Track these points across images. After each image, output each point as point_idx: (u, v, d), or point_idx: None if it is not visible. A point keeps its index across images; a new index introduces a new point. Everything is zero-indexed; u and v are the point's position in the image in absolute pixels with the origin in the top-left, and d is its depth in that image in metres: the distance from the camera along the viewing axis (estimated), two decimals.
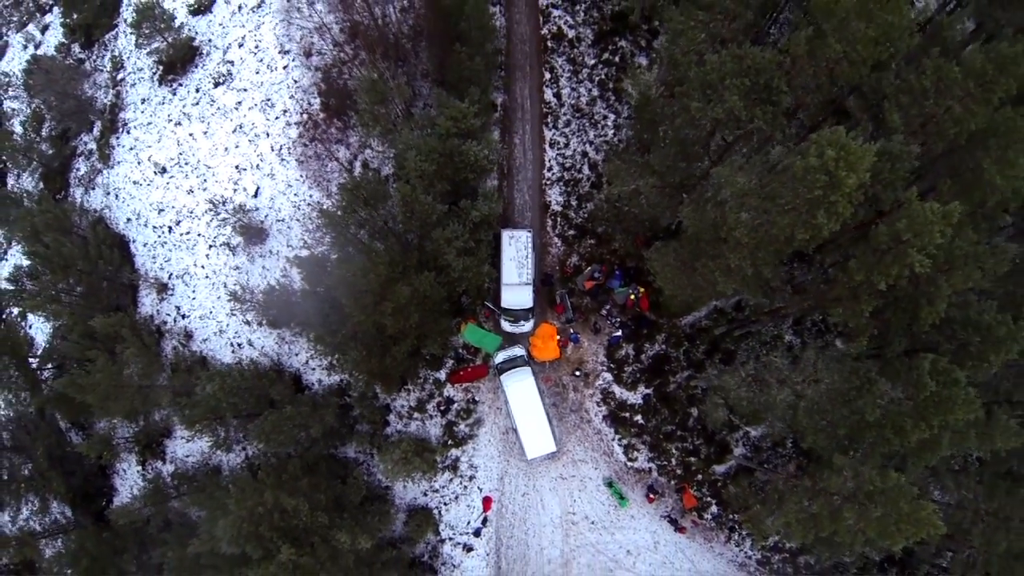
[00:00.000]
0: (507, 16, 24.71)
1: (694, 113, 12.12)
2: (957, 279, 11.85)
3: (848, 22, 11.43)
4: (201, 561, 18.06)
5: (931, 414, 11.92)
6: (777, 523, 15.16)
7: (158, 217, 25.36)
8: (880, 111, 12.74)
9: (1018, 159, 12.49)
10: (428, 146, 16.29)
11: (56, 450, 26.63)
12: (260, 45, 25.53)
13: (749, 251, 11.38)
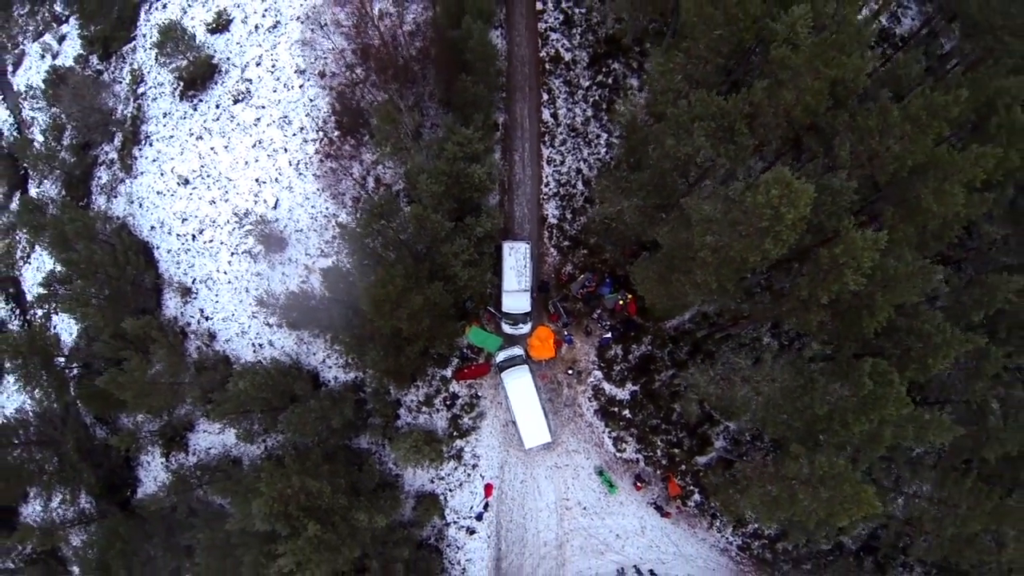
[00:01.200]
0: (508, 39, 26.91)
1: (667, 149, 14.38)
2: (894, 295, 14.14)
3: (800, 74, 13.68)
4: (231, 540, 20.34)
5: (869, 410, 14.24)
6: (745, 504, 17.50)
7: (182, 226, 27.54)
8: (832, 148, 15.01)
9: (953, 189, 14.79)
10: (437, 169, 18.54)
11: (84, 443, 28.85)
12: (277, 64, 27.67)
13: (713, 268, 13.66)
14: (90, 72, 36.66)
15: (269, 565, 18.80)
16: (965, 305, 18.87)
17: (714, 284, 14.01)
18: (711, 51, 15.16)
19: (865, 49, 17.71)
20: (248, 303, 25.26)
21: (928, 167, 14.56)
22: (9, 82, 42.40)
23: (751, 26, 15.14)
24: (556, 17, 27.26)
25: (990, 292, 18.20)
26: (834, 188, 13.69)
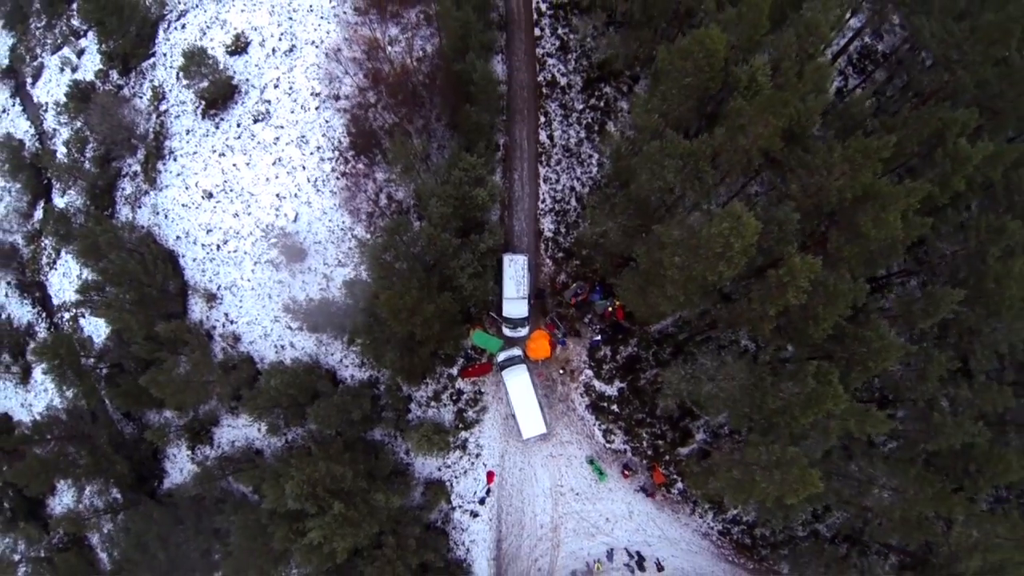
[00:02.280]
0: (508, 64, 29.95)
1: (642, 183, 17.47)
2: (834, 309, 17.29)
3: (753, 122, 16.74)
4: (262, 521, 23.53)
5: (813, 405, 17.39)
6: (714, 487, 20.71)
7: (206, 236, 30.59)
8: (785, 181, 18.11)
9: (889, 217, 17.90)
10: (445, 192, 21.64)
11: (115, 438, 32.00)
12: (294, 87, 30.68)
13: (681, 284, 16.77)
14: (111, 86, 39.51)
15: (298, 540, 22.00)
16: (914, 315, 22.00)
17: (681, 297, 17.14)
18: (682, 96, 18.23)
19: (823, 89, 20.78)
20: (271, 308, 28.37)
21: (867, 199, 17.66)
22: (29, 93, 45.28)
23: (717, 74, 18.20)
24: (553, 43, 30.31)
25: (935, 303, 21.27)
26: (780, 219, 16.80)
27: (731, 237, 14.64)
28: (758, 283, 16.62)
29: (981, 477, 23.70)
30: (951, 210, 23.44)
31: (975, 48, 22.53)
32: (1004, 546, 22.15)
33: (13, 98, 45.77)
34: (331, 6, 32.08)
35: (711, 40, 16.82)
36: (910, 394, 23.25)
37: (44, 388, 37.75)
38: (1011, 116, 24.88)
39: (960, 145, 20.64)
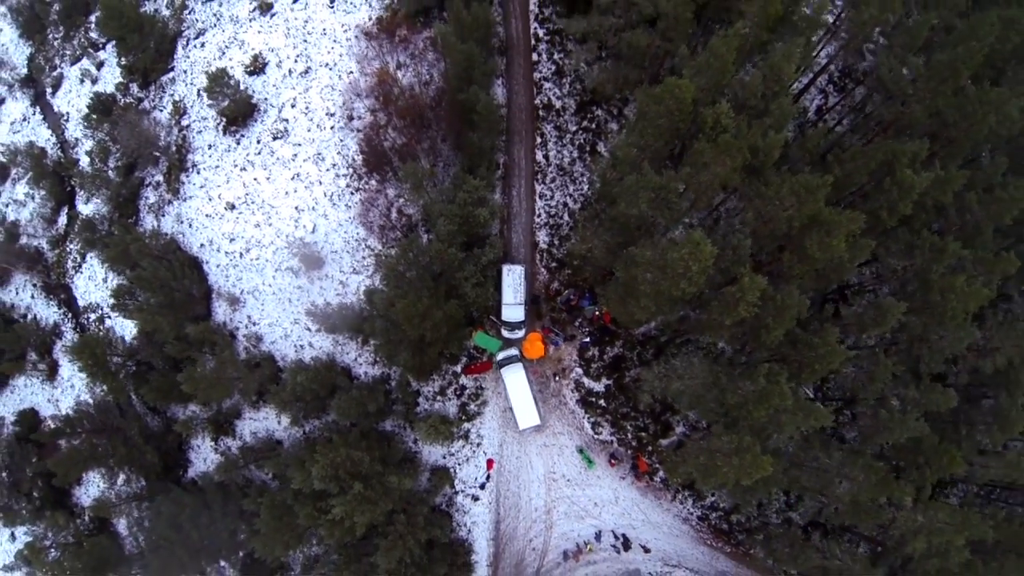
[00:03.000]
0: (508, 88, 33.81)
1: (621, 209, 21.38)
2: (782, 320, 21.24)
3: (714, 161, 20.63)
4: (287, 501, 27.56)
5: (763, 401, 21.37)
6: (684, 471, 24.74)
7: (230, 245, 34.51)
8: (742, 211, 22.02)
9: (832, 242, 21.79)
10: (451, 212, 25.56)
11: (144, 431, 35.99)
12: (310, 107, 34.53)
13: (652, 297, 20.70)
14: (131, 99, 43.31)
15: (321, 517, 26.05)
16: (866, 323, 25.98)
17: (653, 307, 21.08)
18: (657, 133, 22.14)
19: (786, 125, 24.65)
20: (291, 311, 32.35)
21: (812, 226, 21.59)
22: (49, 103, 49.05)
23: (687, 116, 22.10)
24: (549, 68, 34.17)
25: (883, 313, 25.22)
26: (734, 244, 20.75)
27: (690, 261, 18.59)
28: (717, 297, 20.56)
29: (928, 468, 27.73)
30: (902, 230, 27.34)
31: (927, 84, 26.44)
32: (945, 530, 26.16)
33: (33, 107, 49.52)
34: (343, 30, 35.87)
35: (680, 89, 20.70)
36: (862, 393, 27.29)
37: (71, 384, 41.83)
38: (965, 143, 28.75)
39: (905, 175, 24.54)
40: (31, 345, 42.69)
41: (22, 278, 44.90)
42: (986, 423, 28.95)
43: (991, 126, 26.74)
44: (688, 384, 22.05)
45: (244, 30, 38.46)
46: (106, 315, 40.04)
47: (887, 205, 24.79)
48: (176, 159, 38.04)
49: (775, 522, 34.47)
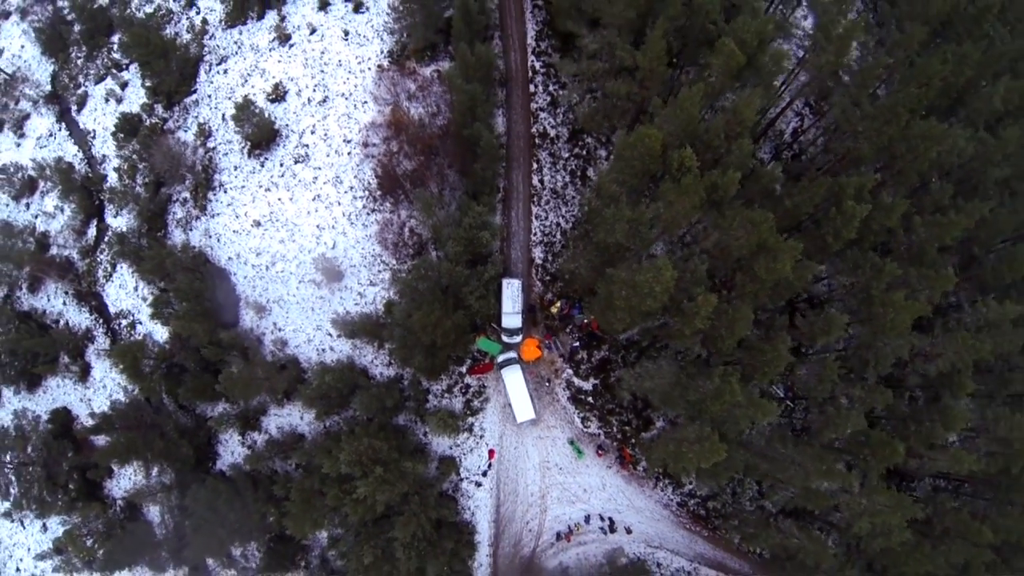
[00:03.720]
0: (508, 118, 39.50)
1: (602, 237, 27.14)
2: (733, 330, 27.02)
3: (677, 200, 26.32)
4: (315, 485, 33.34)
5: (717, 398, 27.13)
6: (658, 457, 30.56)
7: (256, 258, 40.19)
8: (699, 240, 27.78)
9: (777, 266, 27.52)
10: (458, 235, 31.31)
11: (178, 426, 41.73)
12: (328, 134, 40.20)
13: (626, 311, 26.46)
14: (156, 119, 48.92)
15: (345, 498, 31.82)
16: (816, 332, 31.77)
17: (628, 319, 26.85)
18: (632, 173, 27.89)
19: (744, 166, 30.25)
20: (314, 319, 38.09)
21: (760, 252, 27.33)
22: (74, 119, 54.64)
23: (656, 160, 27.83)
24: (544, 99, 39.90)
25: (829, 323, 30.97)
26: (693, 268, 26.52)
27: (654, 282, 24.34)
28: (679, 311, 26.35)
29: (873, 459, 33.54)
30: (851, 251, 33.07)
31: (872, 124, 32.24)
32: (884, 511, 32.01)
33: (59, 123, 55.10)
34: (357, 62, 41.54)
35: (650, 138, 26.43)
36: (814, 393, 33.14)
37: (103, 385, 47.60)
38: (911, 173, 34.55)
39: (848, 205, 30.27)
40: (64, 349, 48.33)
41: (53, 286, 50.48)
42: (932, 420, 34.77)
43: (937, 156, 32.50)
44: (657, 383, 27.88)
45: (265, 59, 44.08)
46: (137, 321, 45.73)
47: (832, 231, 30.56)
48: (203, 178, 43.65)
49: (748, 509, 40.32)
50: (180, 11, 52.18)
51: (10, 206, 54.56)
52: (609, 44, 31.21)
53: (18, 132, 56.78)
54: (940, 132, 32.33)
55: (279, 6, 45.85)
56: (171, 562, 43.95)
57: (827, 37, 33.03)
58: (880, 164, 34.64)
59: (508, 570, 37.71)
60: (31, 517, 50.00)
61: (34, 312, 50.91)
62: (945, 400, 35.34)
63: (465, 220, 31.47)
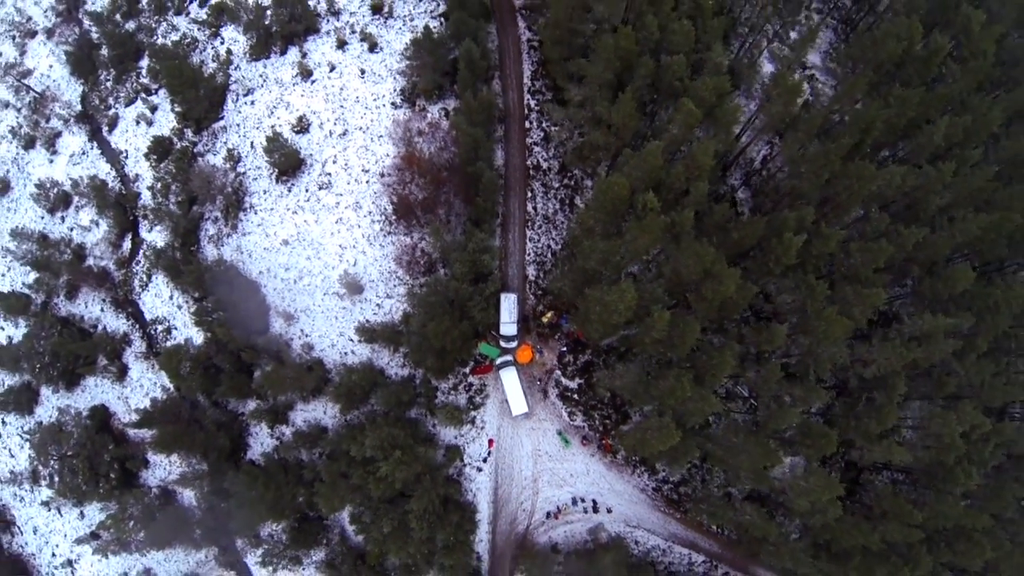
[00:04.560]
0: (506, 151, 49.60)
1: (581, 263, 37.24)
2: (684, 340, 37.17)
3: (640, 236, 36.37)
4: (342, 468, 43.48)
5: (671, 394, 37.27)
6: (628, 443, 40.74)
7: (285, 273, 50.37)
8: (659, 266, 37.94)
9: (721, 288, 37.60)
10: (464, 258, 41.46)
11: (215, 420, 51.88)
12: (348, 164, 50.35)
13: (600, 323, 36.54)
14: (186, 143, 59.01)
15: (368, 478, 41.97)
16: (762, 341, 41.85)
17: (601, 330, 36.97)
18: (605, 212, 37.99)
19: (702, 204, 40.24)
20: (337, 326, 48.25)
21: (707, 278, 37.40)
22: (106, 139, 64.82)
23: (624, 202, 37.91)
24: (538, 134, 50.06)
25: (771, 335, 41.02)
26: (651, 291, 36.62)
27: (619, 302, 34.40)
28: (640, 324, 36.46)
29: (813, 447, 43.53)
30: (793, 275, 43.02)
31: (811, 166, 42.30)
32: (816, 490, 42.06)
33: (90, 142, 65.38)
34: (373, 99, 51.62)
35: (618, 185, 36.50)
36: (760, 392, 43.25)
37: (140, 384, 57.84)
38: (849, 207, 44.57)
39: (786, 237, 40.24)
40: (102, 351, 58.52)
41: (90, 293, 60.70)
42: (869, 417, 44.78)
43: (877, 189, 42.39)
44: (625, 382, 38.12)
45: (289, 93, 54.27)
46: (172, 327, 55.95)
47: (774, 258, 40.60)
48: (234, 199, 53.81)
49: (717, 495, 50.42)
50: (205, 40, 62.46)
51: (45, 219, 64.88)
52: (590, 98, 41.23)
53: (50, 149, 67.10)
54: (871, 173, 42.57)
55: (300, 43, 56.05)
56: (204, 542, 54.10)
57: (777, 92, 43.08)
58: (822, 198, 44.67)
59: (505, 545, 47.97)
60: (68, 506, 60.19)
61: (72, 318, 61.19)
62: (880, 400, 45.31)
63: (469, 245, 41.75)
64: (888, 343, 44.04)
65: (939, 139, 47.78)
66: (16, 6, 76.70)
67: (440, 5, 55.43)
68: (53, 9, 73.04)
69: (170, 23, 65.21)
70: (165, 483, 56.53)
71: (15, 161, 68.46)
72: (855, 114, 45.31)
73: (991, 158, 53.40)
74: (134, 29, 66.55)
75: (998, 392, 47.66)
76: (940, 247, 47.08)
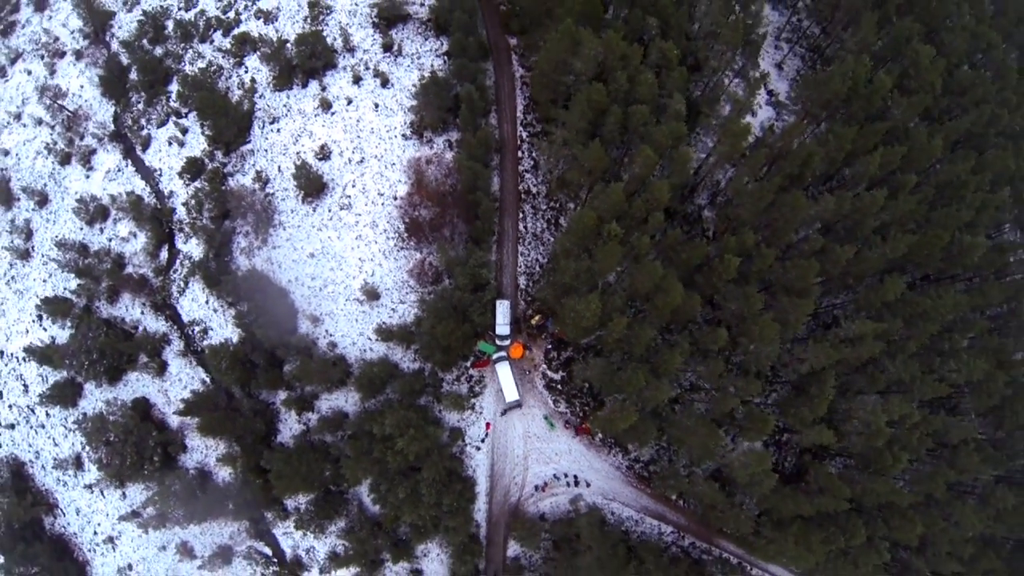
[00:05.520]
0: (501, 178, 66.86)
1: (559, 278, 54.37)
2: (638, 341, 54.46)
3: (606, 258, 53.46)
4: (366, 446, 60.97)
5: (628, 384, 54.51)
6: (597, 424, 58.19)
7: (311, 281, 67.86)
8: (621, 282, 55.20)
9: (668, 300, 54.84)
10: (465, 272, 58.76)
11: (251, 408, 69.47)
12: (365, 188, 67.74)
13: (574, 327, 53.70)
14: (217, 164, 76.43)
15: (387, 452, 59.39)
16: (707, 341, 59.11)
17: (575, 332, 54.12)
18: (576, 238, 55.19)
19: (657, 231, 57.40)
20: (357, 327, 65.66)
21: (657, 291, 54.63)
22: (140, 158, 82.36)
23: (592, 231, 55.09)
24: (529, 162, 67.29)
25: (714, 336, 58.26)
26: (614, 301, 53.67)
27: (586, 311, 51.53)
28: (605, 327, 53.63)
29: (753, 429, 60.72)
30: (731, 288, 60.03)
31: (748, 198, 59.48)
32: (751, 464, 59.23)
33: (125, 159, 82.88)
34: (386, 130, 68.91)
35: (587, 218, 53.60)
36: (707, 383, 60.52)
37: (179, 379, 75.40)
38: (786, 232, 61.58)
39: (726, 258, 57.28)
40: (143, 350, 76.08)
41: (130, 298, 78.20)
42: (803, 406, 61.89)
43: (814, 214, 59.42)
44: (594, 373, 55.35)
45: (311, 123, 71.63)
46: (208, 327, 73.43)
47: (718, 275, 57.67)
48: (263, 216, 71.08)
49: (682, 473, 67.68)
50: (230, 68, 79.93)
51: (84, 230, 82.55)
52: (569, 140, 58.31)
53: (86, 165, 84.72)
54: (803, 203, 59.67)
55: (320, 78, 73.31)
56: (237, 516, 71.65)
57: (725, 134, 60.07)
58: (764, 223, 61.61)
59: (500, 514, 65.39)
60: (111, 488, 77.86)
61: (114, 320, 78.84)
62: (811, 391, 62.29)
63: (470, 260, 58.98)
64: (819, 344, 61.32)
65: (874, 169, 64.75)
66: (43, 27, 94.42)
67: (443, 44, 72.55)
68: (81, 32, 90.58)
69: (196, 50, 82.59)
70: (202, 465, 74.13)
71: (52, 176, 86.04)
72: (793, 152, 62.30)
73: (931, 182, 70.41)
74: (162, 55, 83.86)
75: (928, 388, 64.62)
76: (872, 263, 64.13)
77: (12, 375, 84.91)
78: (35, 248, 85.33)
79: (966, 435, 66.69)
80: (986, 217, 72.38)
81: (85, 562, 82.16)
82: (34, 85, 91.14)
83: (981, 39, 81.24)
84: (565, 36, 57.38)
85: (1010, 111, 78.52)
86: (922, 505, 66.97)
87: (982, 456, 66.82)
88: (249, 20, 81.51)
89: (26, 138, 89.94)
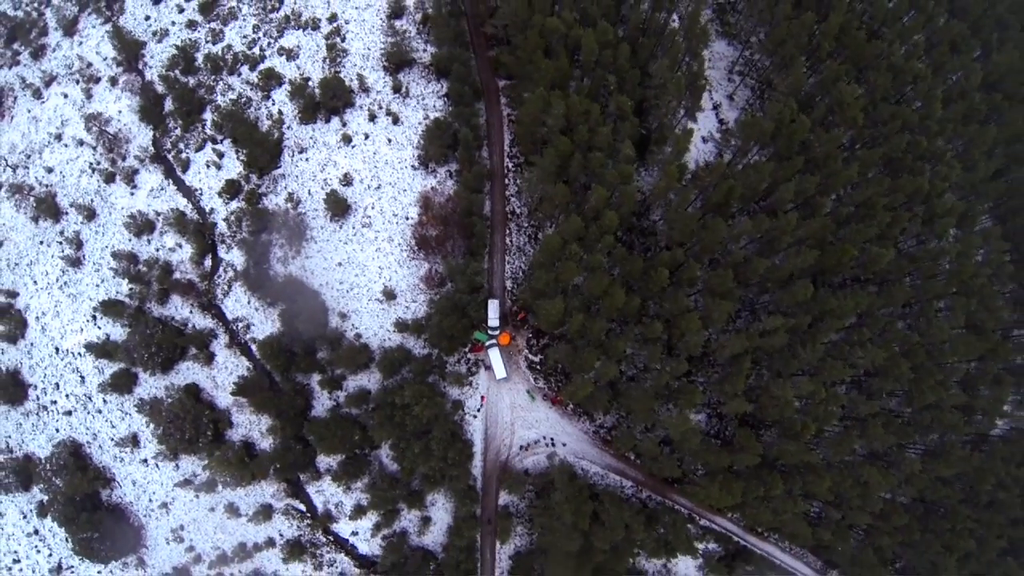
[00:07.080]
0: (492, 201, 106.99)
1: (534, 284, 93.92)
2: (595, 332, 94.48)
3: (597, 275, 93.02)
4: (389, 413, 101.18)
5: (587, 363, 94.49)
6: (566, 395, 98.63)
7: (339, 285, 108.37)
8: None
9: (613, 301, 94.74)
10: (464, 279, 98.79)
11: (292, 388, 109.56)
12: (383, 209, 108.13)
13: (546, 322, 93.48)
14: (252, 185, 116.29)
15: (407, 417, 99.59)
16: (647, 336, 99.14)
17: (548, 325, 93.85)
18: (548, 254, 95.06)
19: (608, 250, 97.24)
20: (379, 321, 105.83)
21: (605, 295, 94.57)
22: (180, 178, 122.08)
23: (559, 250, 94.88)
24: (514, 188, 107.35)
25: (652, 330, 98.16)
26: (574, 303, 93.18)
27: (552, 310, 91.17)
28: (570, 323, 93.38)
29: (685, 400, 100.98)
30: (668, 291, 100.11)
31: (678, 224, 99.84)
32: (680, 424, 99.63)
33: (167, 179, 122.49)
34: (398, 162, 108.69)
35: (554, 241, 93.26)
36: (649, 364, 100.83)
37: (225, 367, 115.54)
38: (711, 248, 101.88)
39: (660, 271, 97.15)
40: (193, 343, 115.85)
41: (179, 300, 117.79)
42: (726, 383, 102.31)
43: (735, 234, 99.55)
44: (562, 356, 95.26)
45: (335, 154, 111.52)
46: (251, 324, 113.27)
47: (655, 282, 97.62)
48: (297, 232, 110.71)
49: (640, 438, 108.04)
50: (259, 100, 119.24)
51: (132, 241, 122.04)
52: (542, 179, 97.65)
53: (130, 184, 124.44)
54: (722, 227, 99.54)
55: (341, 115, 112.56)
56: (276, 478, 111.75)
57: (661, 173, 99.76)
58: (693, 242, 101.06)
59: (492, 470, 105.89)
60: (165, 461, 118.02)
61: (165, 318, 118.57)
62: (732, 371, 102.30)
63: (467, 269, 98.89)
64: (736, 334, 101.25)
65: (790, 195, 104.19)
66: (76, 53, 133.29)
67: (443, 87, 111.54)
68: (114, 60, 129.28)
69: (226, 82, 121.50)
70: (246, 438, 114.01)
71: (98, 192, 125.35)
72: (719, 185, 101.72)
73: (850, 202, 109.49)
74: (195, 85, 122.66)
75: (836, 371, 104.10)
76: (783, 272, 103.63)
77: (68, 368, 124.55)
78: (86, 256, 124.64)
79: (872, 411, 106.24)
80: (896, 231, 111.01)
81: (141, 526, 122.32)
82: (72, 107, 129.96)
83: (908, 73, 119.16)
84: (539, 99, 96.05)
85: (929, 138, 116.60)
86: (836, 466, 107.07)
87: (890, 429, 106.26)
88: (272, 56, 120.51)
89: (68, 157, 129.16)
